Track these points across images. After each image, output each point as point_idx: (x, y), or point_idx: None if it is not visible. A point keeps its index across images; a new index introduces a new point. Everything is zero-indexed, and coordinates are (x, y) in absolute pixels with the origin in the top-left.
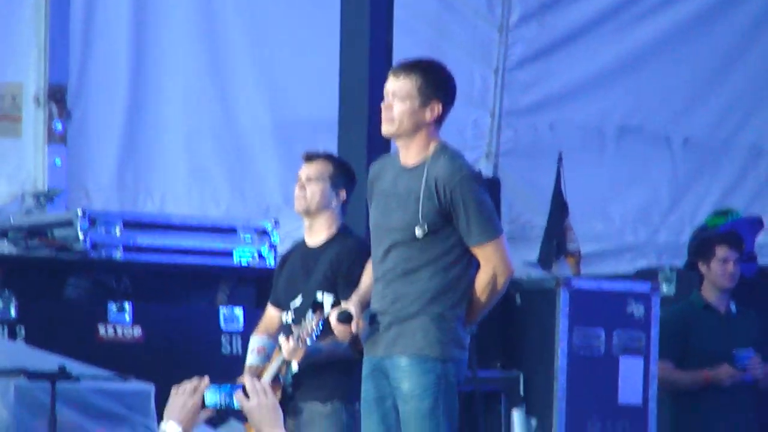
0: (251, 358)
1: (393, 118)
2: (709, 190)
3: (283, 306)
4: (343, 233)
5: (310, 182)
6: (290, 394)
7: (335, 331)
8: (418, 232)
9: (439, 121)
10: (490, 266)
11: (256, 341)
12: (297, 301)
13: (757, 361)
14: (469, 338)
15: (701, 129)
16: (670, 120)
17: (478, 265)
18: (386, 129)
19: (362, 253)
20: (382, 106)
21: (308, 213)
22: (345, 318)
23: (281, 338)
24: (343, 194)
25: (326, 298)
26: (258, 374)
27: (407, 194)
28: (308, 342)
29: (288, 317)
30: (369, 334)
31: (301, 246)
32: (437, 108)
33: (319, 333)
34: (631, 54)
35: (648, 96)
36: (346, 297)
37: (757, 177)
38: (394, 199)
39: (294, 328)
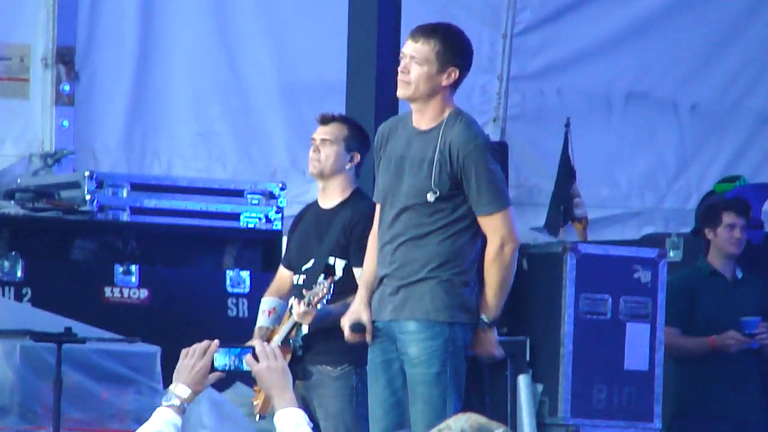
0: (262, 320)
1: (410, 81)
2: (716, 157)
3: (294, 268)
4: (356, 196)
5: (325, 144)
6: (300, 357)
7: (347, 339)
8: (430, 196)
9: (454, 86)
10: (498, 237)
11: (267, 303)
12: (309, 264)
13: (764, 328)
14: (476, 302)
15: (708, 95)
16: (677, 86)
17: (484, 240)
18: (402, 92)
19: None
20: (399, 68)
21: (322, 176)
22: (358, 328)
23: (293, 301)
24: (357, 157)
25: (338, 263)
26: (268, 336)
27: (420, 158)
28: (319, 306)
29: (299, 280)
30: (374, 299)
31: (314, 208)
32: (454, 74)
33: (330, 297)
34: (639, 20)
35: (655, 62)
36: (359, 261)
37: (764, 143)
38: (407, 163)
39: (305, 292)
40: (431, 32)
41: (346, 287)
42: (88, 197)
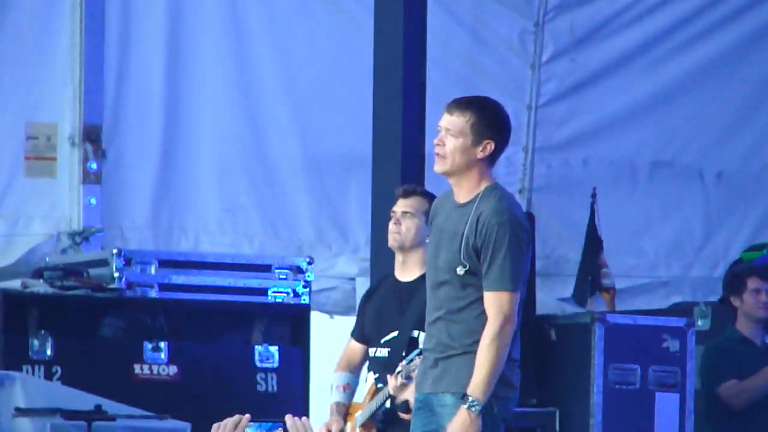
0: (337, 395)
1: (445, 155)
2: (742, 224)
3: (370, 341)
4: None
5: (405, 217)
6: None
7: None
8: (460, 270)
9: (491, 160)
10: (502, 315)
11: (340, 378)
12: (390, 336)
13: None
14: (519, 377)
15: (733, 163)
16: (702, 154)
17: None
18: (438, 166)
19: None
20: (435, 142)
21: (402, 248)
22: (404, 408)
23: (388, 377)
24: None
25: (422, 336)
26: (346, 411)
27: (454, 232)
28: (413, 377)
29: (380, 352)
30: (419, 372)
31: (390, 280)
32: (489, 146)
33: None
34: (663, 88)
35: (680, 130)
36: None
37: None
38: (444, 236)
39: (401, 366)
40: (467, 105)
41: None
42: (116, 274)
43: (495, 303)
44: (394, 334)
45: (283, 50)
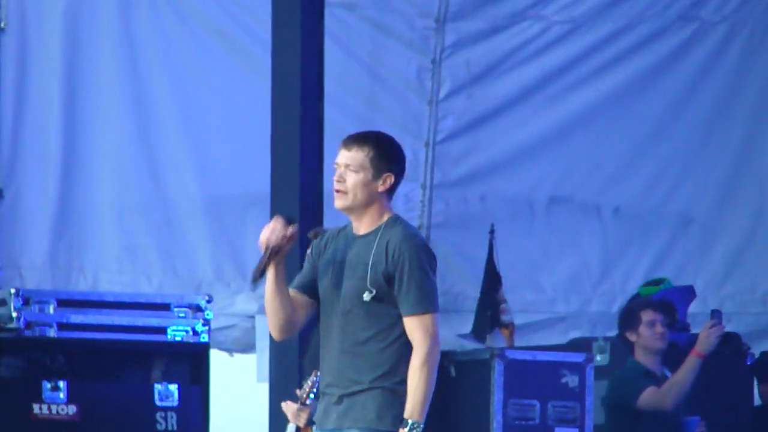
0: None
1: (346, 190)
2: (639, 259)
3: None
4: None
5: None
6: None
7: None
8: (366, 296)
9: (390, 192)
10: (429, 337)
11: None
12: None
13: (704, 427)
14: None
15: (630, 198)
16: (599, 189)
17: None
18: (339, 203)
19: None
20: (334, 179)
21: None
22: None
23: (282, 405)
24: None
25: None
26: None
27: (357, 261)
28: (307, 402)
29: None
30: (319, 408)
31: None
32: (389, 179)
33: (315, 392)
34: (560, 125)
35: (577, 166)
36: None
37: (687, 245)
38: (346, 267)
39: (297, 392)
40: (363, 139)
41: None
42: (15, 314)
43: (420, 325)
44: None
45: (180, 88)
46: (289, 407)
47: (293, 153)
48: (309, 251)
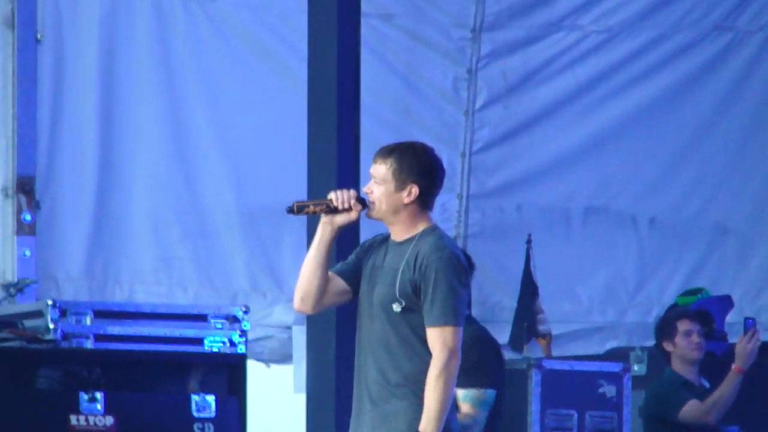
0: None
1: (374, 201)
2: (675, 269)
3: None
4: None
5: None
6: None
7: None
8: (396, 307)
9: (423, 203)
10: (447, 350)
11: None
12: None
13: None
14: (458, 423)
15: (666, 208)
16: (635, 200)
17: None
18: (369, 212)
19: (479, 340)
20: (364, 189)
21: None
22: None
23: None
24: None
25: None
26: None
27: (390, 268)
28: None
29: None
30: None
31: None
32: (414, 190)
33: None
34: (596, 135)
35: (613, 176)
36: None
37: (723, 255)
38: (380, 273)
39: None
40: (389, 152)
41: None
42: (51, 326)
43: (440, 338)
44: None
45: (216, 99)
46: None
47: (329, 164)
48: (358, 248)
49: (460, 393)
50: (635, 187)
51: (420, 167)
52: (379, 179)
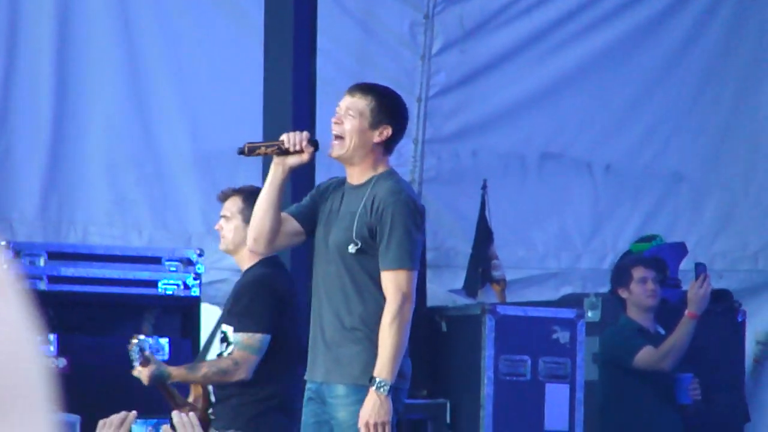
0: None
1: (343, 134)
2: (630, 216)
3: None
4: (257, 265)
5: (223, 221)
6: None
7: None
8: (351, 248)
9: (388, 147)
10: (400, 294)
11: None
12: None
13: (696, 384)
14: (410, 367)
15: (622, 155)
16: (591, 146)
17: None
18: (335, 150)
19: (258, 284)
20: (333, 120)
21: (228, 251)
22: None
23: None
24: None
25: (228, 330)
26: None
27: (346, 211)
28: (135, 364)
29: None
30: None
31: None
32: (386, 132)
33: (138, 356)
34: (552, 81)
35: (569, 123)
36: (240, 326)
37: (677, 203)
38: (336, 217)
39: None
40: (369, 89)
41: None
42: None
43: (393, 281)
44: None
45: (172, 43)
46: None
47: (286, 108)
48: (313, 191)
49: (232, 336)
50: (591, 134)
51: (396, 110)
52: (355, 112)
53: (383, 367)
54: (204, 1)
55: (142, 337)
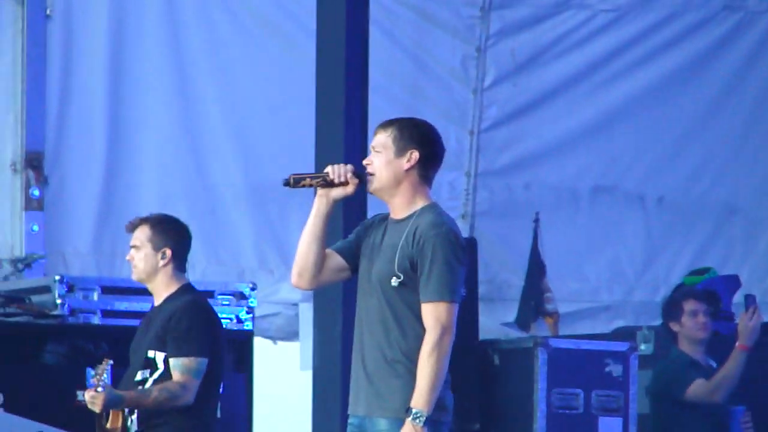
0: None
1: (374, 171)
2: (683, 249)
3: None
4: (181, 291)
5: (133, 252)
6: None
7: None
8: (394, 281)
9: (424, 176)
10: (440, 326)
11: None
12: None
13: (749, 417)
14: (452, 399)
15: (675, 187)
16: (643, 179)
17: None
18: (370, 185)
19: (194, 309)
20: (364, 162)
21: (142, 280)
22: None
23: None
24: (168, 252)
25: (158, 356)
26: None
27: (389, 244)
28: (99, 389)
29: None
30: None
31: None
32: (414, 155)
33: (107, 379)
34: (605, 114)
35: (621, 155)
36: (176, 352)
37: (730, 235)
38: (379, 250)
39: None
40: (389, 122)
41: (167, 379)
42: (59, 301)
43: (433, 314)
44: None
45: (224, 75)
46: (86, 393)
47: (337, 141)
48: (358, 227)
49: (171, 362)
50: (643, 167)
51: (420, 135)
52: (378, 147)
53: (420, 398)
54: (257, 33)
55: (111, 362)
